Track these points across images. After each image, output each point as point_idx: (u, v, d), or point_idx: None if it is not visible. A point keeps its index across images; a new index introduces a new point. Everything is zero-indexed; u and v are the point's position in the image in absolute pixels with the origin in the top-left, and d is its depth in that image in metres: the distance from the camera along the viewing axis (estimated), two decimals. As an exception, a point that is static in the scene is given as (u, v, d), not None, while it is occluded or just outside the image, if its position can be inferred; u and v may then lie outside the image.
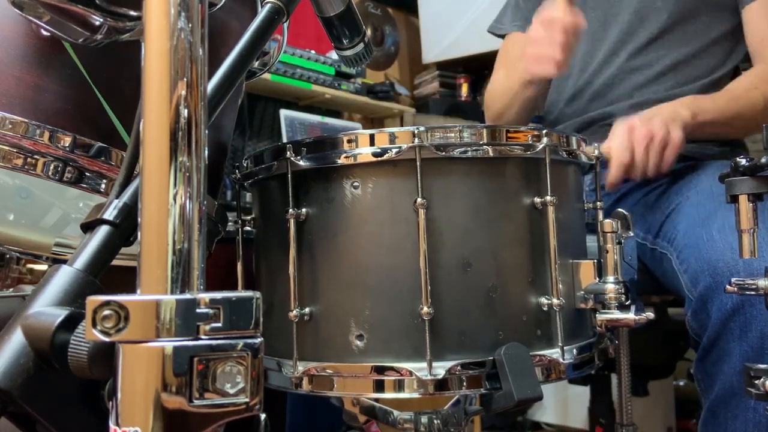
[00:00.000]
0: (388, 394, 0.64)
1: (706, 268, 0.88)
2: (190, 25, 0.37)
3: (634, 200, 1.18)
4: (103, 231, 0.46)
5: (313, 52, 2.42)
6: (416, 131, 0.64)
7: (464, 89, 2.87)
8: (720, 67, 1.23)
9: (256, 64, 0.85)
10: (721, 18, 1.22)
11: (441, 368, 0.62)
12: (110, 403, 0.34)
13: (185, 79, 0.36)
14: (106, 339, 0.32)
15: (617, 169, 0.98)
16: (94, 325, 0.32)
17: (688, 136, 1.04)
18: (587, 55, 1.30)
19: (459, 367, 0.63)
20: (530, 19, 1.27)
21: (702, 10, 1.22)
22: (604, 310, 0.68)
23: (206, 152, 0.37)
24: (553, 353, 0.66)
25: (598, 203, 0.75)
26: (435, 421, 0.70)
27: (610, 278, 0.68)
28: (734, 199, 0.64)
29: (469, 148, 0.65)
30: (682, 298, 0.95)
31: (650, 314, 0.67)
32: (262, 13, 0.57)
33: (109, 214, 0.46)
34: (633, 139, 0.98)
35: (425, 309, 0.62)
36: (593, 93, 1.28)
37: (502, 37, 1.43)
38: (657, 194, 1.13)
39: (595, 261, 0.69)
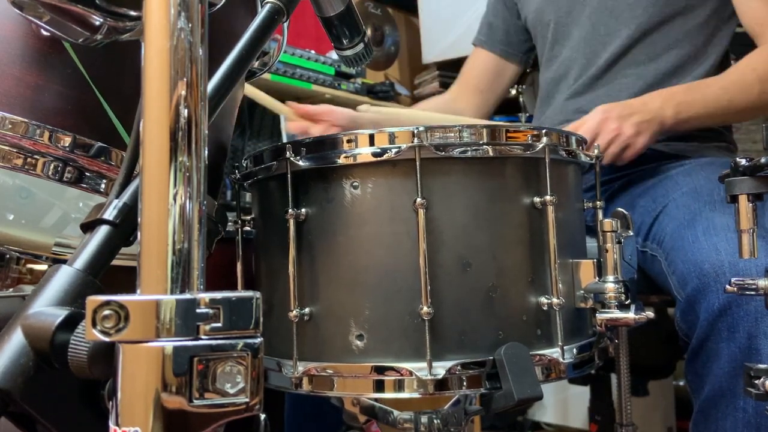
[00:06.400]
0: (388, 394, 0.64)
1: (693, 270, 0.88)
2: (190, 25, 0.37)
3: (622, 202, 1.17)
4: (103, 231, 0.46)
5: (313, 52, 2.42)
6: (416, 131, 0.64)
7: (464, 89, 2.85)
8: (706, 53, 1.21)
9: (256, 64, 0.85)
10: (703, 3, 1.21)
11: (441, 368, 0.62)
12: (110, 403, 0.34)
13: (185, 79, 0.36)
14: (106, 339, 0.32)
15: None
16: (94, 325, 0.32)
17: (668, 133, 1.09)
18: (578, 55, 1.29)
19: (459, 367, 0.63)
20: (494, 39, 1.48)
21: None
22: (603, 310, 0.68)
23: (206, 152, 0.37)
24: (553, 353, 0.66)
25: (598, 203, 0.75)
26: (435, 421, 0.70)
27: (610, 278, 0.68)
28: (734, 199, 0.64)
29: (468, 148, 0.65)
30: (674, 299, 0.96)
31: (650, 313, 0.67)
32: (262, 13, 0.57)
33: (109, 214, 0.46)
34: (601, 129, 1.02)
35: (425, 309, 0.62)
36: (594, 97, 1.26)
37: None
38: (644, 196, 1.13)
39: (595, 260, 0.69)
